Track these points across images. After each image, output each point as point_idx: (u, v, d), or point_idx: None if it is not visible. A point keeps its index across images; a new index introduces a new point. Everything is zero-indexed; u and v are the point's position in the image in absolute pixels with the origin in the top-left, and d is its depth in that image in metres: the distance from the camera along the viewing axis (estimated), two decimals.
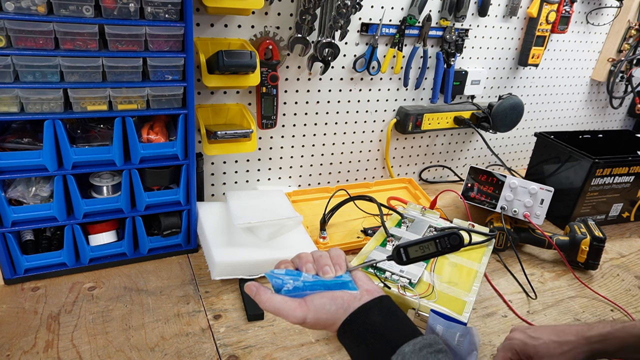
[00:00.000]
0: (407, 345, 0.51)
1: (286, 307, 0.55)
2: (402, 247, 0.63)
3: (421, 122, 1.33)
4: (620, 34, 1.58)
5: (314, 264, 0.60)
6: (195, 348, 0.77)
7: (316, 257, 0.61)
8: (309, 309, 0.55)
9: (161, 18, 0.79)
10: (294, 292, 0.57)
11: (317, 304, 0.55)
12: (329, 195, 1.16)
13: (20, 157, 0.79)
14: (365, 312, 0.54)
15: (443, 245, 0.62)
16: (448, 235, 0.61)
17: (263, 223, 0.98)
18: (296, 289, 0.57)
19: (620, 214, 1.32)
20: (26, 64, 0.73)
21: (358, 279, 0.60)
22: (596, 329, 0.69)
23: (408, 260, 0.63)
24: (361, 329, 0.54)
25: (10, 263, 0.86)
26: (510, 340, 0.73)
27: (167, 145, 0.89)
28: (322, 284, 0.57)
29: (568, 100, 1.70)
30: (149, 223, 0.97)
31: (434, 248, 0.62)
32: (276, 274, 0.58)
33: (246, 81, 0.98)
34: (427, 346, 0.51)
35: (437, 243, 0.62)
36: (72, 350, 0.74)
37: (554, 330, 0.72)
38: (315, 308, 0.55)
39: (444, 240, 0.62)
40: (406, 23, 1.20)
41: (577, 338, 0.69)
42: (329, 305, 0.55)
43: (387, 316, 0.55)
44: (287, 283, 0.57)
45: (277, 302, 0.56)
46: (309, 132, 1.25)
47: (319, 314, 0.55)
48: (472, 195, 1.18)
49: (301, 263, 0.61)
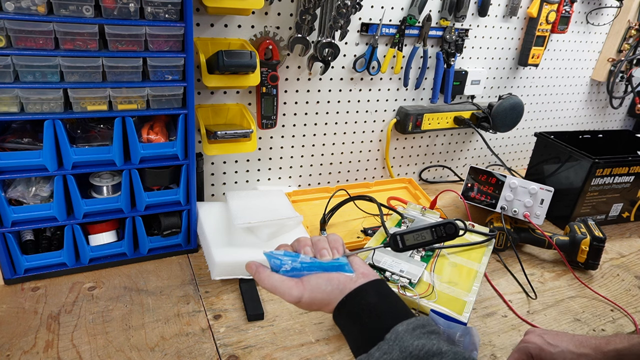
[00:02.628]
0: (401, 324, 0.52)
1: (283, 286, 0.57)
2: (398, 234, 0.65)
3: (421, 122, 1.33)
4: (620, 34, 1.58)
5: (312, 248, 0.62)
6: (195, 348, 0.77)
7: (314, 241, 0.63)
8: (305, 289, 0.57)
9: (161, 18, 0.79)
10: (292, 272, 0.59)
11: (314, 284, 0.57)
12: (329, 195, 1.16)
13: (20, 157, 0.79)
14: (360, 293, 0.56)
15: (439, 234, 0.63)
16: (444, 224, 0.63)
17: (263, 223, 0.98)
18: (294, 270, 0.59)
19: (620, 214, 1.32)
20: (26, 64, 0.73)
21: (354, 263, 0.61)
22: (613, 344, 0.69)
23: (404, 247, 0.65)
24: (356, 309, 0.55)
25: (10, 263, 0.86)
26: (526, 343, 0.73)
27: (167, 145, 0.89)
28: (319, 266, 0.59)
29: (568, 100, 1.70)
30: (149, 223, 0.97)
31: (429, 236, 0.63)
32: (275, 255, 0.60)
33: (246, 81, 0.98)
34: (420, 327, 0.52)
35: (432, 231, 0.63)
36: (72, 350, 0.74)
37: (572, 340, 0.71)
38: (311, 287, 0.57)
39: (439, 228, 0.63)
40: (406, 23, 1.20)
41: (595, 353, 0.69)
42: (325, 286, 0.56)
43: (382, 297, 0.56)
44: (285, 263, 0.59)
45: (275, 281, 0.58)
46: (309, 132, 1.25)
47: (314, 293, 0.56)
48: (472, 195, 1.18)
49: (299, 246, 0.63)
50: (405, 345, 0.49)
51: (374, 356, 0.50)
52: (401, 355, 0.49)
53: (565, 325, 0.90)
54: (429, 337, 0.50)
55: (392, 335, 0.51)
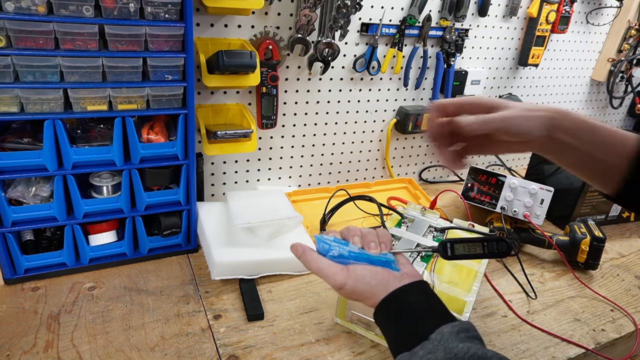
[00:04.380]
0: (447, 326, 0.52)
1: (329, 270, 0.58)
2: (449, 242, 0.63)
3: (421, 122, 1.33)
4: (620, 34, 1.58)
5: (361, 239, 0.63)
6: (195, 348, 0.77)
7: (364, 232, 0.64)
8: (349, 276, 0.57)
9: (161, 18, 0.79)
10: (339, 259, 0.59)
11: (359, 274, 0.57)
12: (329, 195, 1.16)
13: (20, 157, 0.79)
14: (404, 293, 0.56)
15: (490, 249, 0.61)
16: (497, 241, 0.61)
17: (263, 223, 0.98)
18: (341, 257, 0.59)
19: (620, 214, 1.32)
20: (26, 64, 0.73)
21: (400, 262, 0.62)
22: None
23: (453, 256, 0.63)
24: (400, 308, 0.55)
25: (10, 263, 0.86)
26: None
27: (167, 145, 0.89)
28: (366, 257, 0.60)
29: (568, 100, 1.70)
30: (149, 223, 0.97)
31: (480, 250, 0.62)
32: (324, 239, 0.61)
33: (246, 81, 0.98)
34: (464, 330, 0.52)
35: (484, 246, 0.62)
36: (72, 350, 0.74)
37: None
38: (356, 277, 0.57)
39: (491, 244, 0.61)
40: (406, 23, 1.20)
41: None
42: (370, 278, 0.57)
43: (426, 298, 0.57)
44: (334, 249, 0.60)
45: (321, 263, 0.59)
46: (309, 132, 1.25)
47: (358, 283, 0.57)
48: (472, 195, 1.18)
49: (349, 235, 0.63)
50: (450, 347, 0.50)
51: (418, 354, 0.50)
52: (446, 356, 0.49)
53: (565, 325, 0.90)
54: (472, 341, 0.51)
55: (438, 336, 0.51)
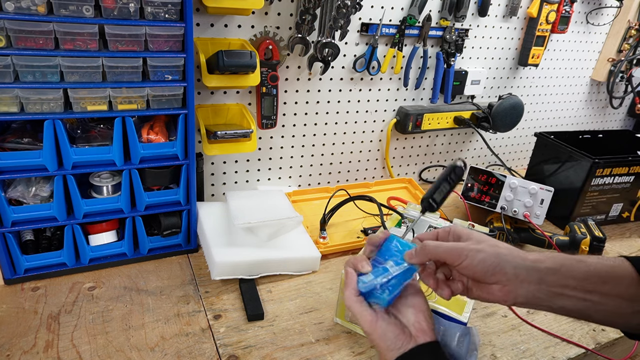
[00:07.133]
0: None
1: (360, 316, 0.61)
2: (427, 197, 0.69)
3: (421, 122, 1.33)
4: (620, 34, 1.58)
5: None
6: (195, 348, 0.77)
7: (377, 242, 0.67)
8: (375, 330, 0.60)
9: (161, 18, 0.79)
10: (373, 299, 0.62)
11: (384, 330, 0.60)
12: (329, 195, 1.16)
13: (20, 157, 0.79)
14: (414, 356, 0.58)
15: (453, 180, 0.67)
16: (453, 168, 0.66)
17: (263, 223, 0.98)
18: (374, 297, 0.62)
19: (620, 214, 1.32)
20: (26, 64, 0.73)
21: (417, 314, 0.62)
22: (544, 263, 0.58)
23: (437, 205, 0.69)
24: None
25: (10, 263, 0.86)
26: None
27: (167, 145, 0.89)
28: (395, 284, 0.62)
29: (568, 100, 1.70)
30: (149, 223, 0.97)
31: (448, 186, 0.67)
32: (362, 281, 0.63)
33: (246, 81, 0.98)
34: None
35: (449, 181, 0.67)
36: (72, 350, 0.74)
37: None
38: (380, 333, 0.60)
39: (451, 177, 0.67)
40: (406, 23, 1.20)
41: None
42: (390, 333, 0.60)
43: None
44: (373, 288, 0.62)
45: (354, 307, 0.61)
46: (309, 132, 1.25)
47: (379, 338, 0.60)
48: (472, 195, 1.18)
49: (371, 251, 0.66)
50: None
51: None
52: None
53: (565, 325, 0.90)
54: None
55: None
